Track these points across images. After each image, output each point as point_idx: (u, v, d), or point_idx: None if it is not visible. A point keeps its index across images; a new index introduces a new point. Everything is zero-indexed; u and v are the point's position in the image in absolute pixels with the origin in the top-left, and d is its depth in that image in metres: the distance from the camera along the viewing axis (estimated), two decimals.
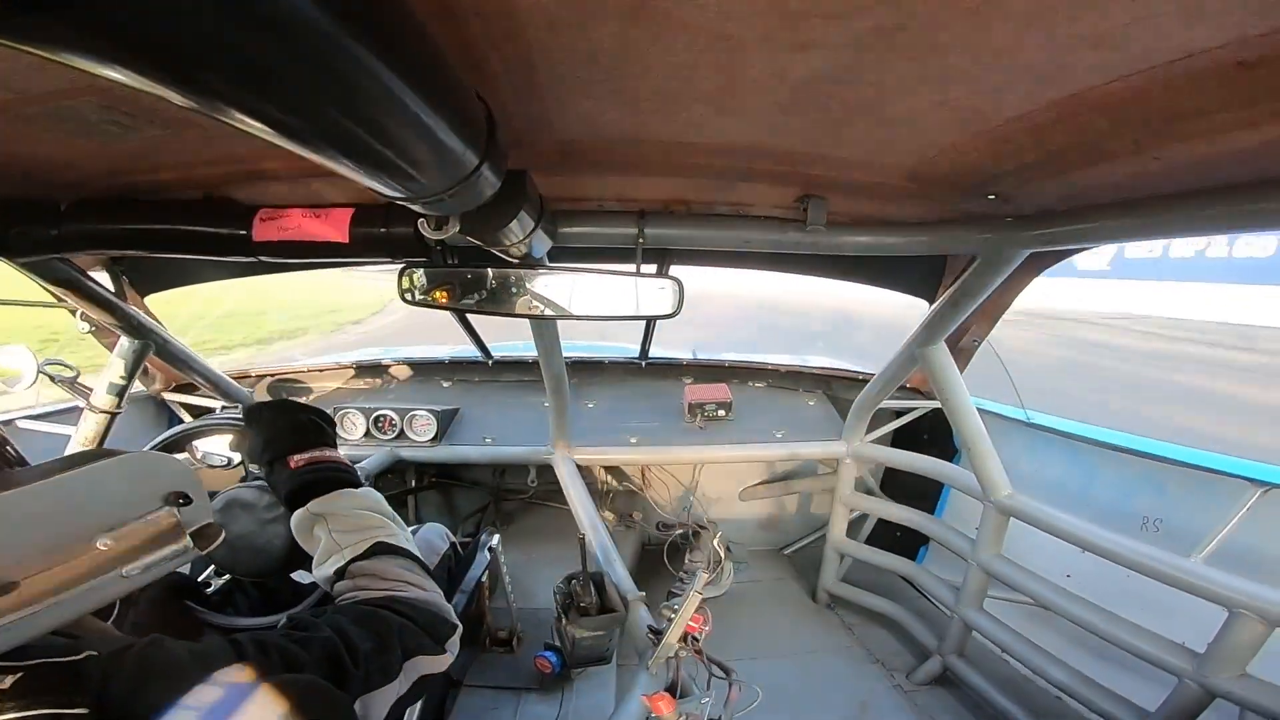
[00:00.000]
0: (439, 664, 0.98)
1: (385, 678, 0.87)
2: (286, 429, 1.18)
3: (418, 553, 1.11)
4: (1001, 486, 2.22)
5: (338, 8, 0.38)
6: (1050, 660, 2.09)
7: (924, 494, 3.04)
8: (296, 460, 1.14)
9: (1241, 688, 1.59)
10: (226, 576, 1.55)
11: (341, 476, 1.15)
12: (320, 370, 3.34)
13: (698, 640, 1.59)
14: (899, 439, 3.11)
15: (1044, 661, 2.10)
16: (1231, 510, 1.82)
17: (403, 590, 1.00)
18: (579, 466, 2.77)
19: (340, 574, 1.03)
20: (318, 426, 1.22)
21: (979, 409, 2.24)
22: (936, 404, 2.47)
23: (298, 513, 1.09)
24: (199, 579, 1.53)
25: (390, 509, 1.16)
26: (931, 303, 2.21)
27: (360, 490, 1.14)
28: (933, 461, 2.66)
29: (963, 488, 2.42)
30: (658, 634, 1.59)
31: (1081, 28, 0.61)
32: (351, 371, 3.35)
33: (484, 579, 2.11)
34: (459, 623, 1.04)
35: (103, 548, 0.66)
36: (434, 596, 1.04)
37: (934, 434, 3.03)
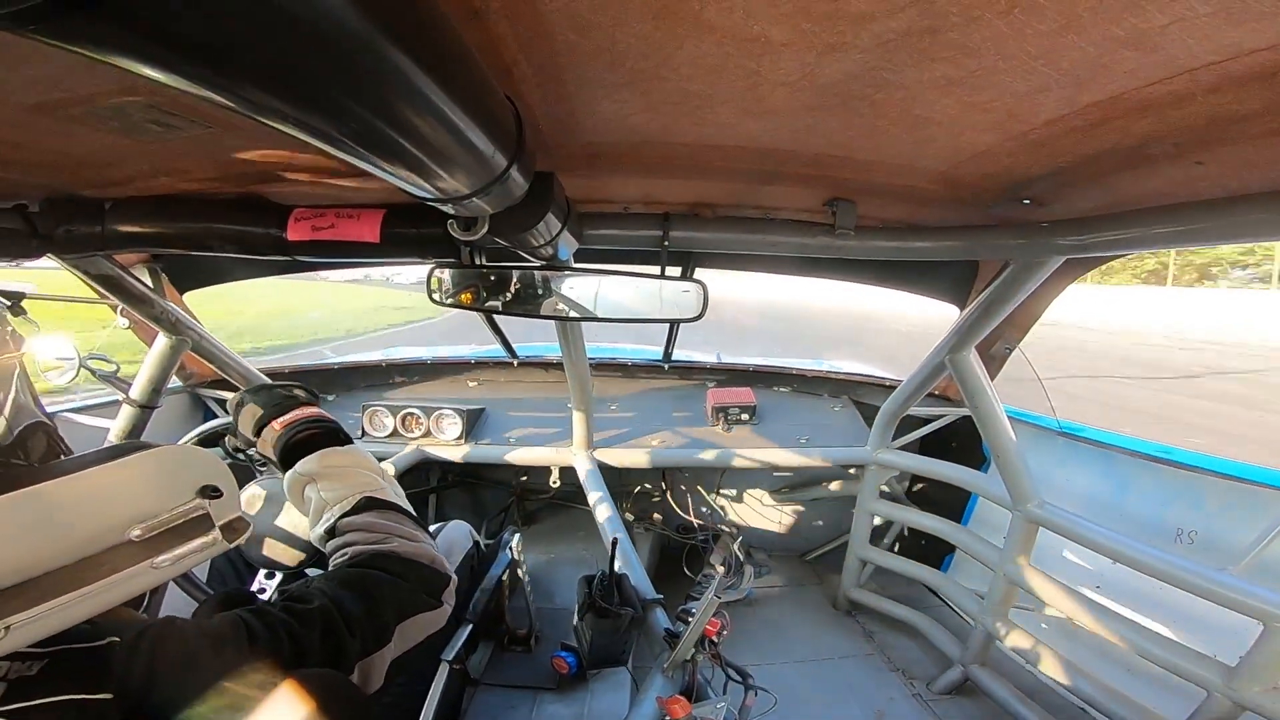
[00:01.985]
0: (437, 620, 0.97)
1: (379, 642, 0.87)
2: (267, 402, 1.19)
3: (406, 505, 1.11)
4: (1031, 496, 2.17)
5: (372, 11, 0.39)
6: (1075, 671, 2.04)
7: (951, 502, 2.99)
8: (281, 421, 1.15)
9: (1273, 701, 1.55)
10: (276, 580, 1.58)
11: (327, 428, 1.15)
12: (351, 367, 3.39)
13: (715, 644, 1.59)
14: (926, 446, 3.07)
15: (1069, 673, 2.05)
16: (1270, 522, 1.76)
17: (390, 544, 0.99)
18: (601, 467, 2.78)
19: (330, 532, 1.02)
20: (293, 393, 1.23)
21: (1010, 417, 2.20)
22: (965, 411, 2.44)
23: (286, 476, 1.09)
24: (252, 587, 1.57)
25: (377, 463, 1.16)
26: (962, 309, 2.17)
27: (346, 447, 1.14)
28: (960, 469, 2.62)
29: (991, 497, 2.37)
30: (675, 637, 1.59)
31: (1120, 29, 0.60)
32: (380, 369, 3.40)
33: (504, 578, 2.12)
34: (452, 574, 1.03)
35: (134, 538, 0.67)
36: (425, 548, 1.02)
37: (962, 442, 2.98)
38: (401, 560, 0.96)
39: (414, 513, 1.10)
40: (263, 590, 1.57)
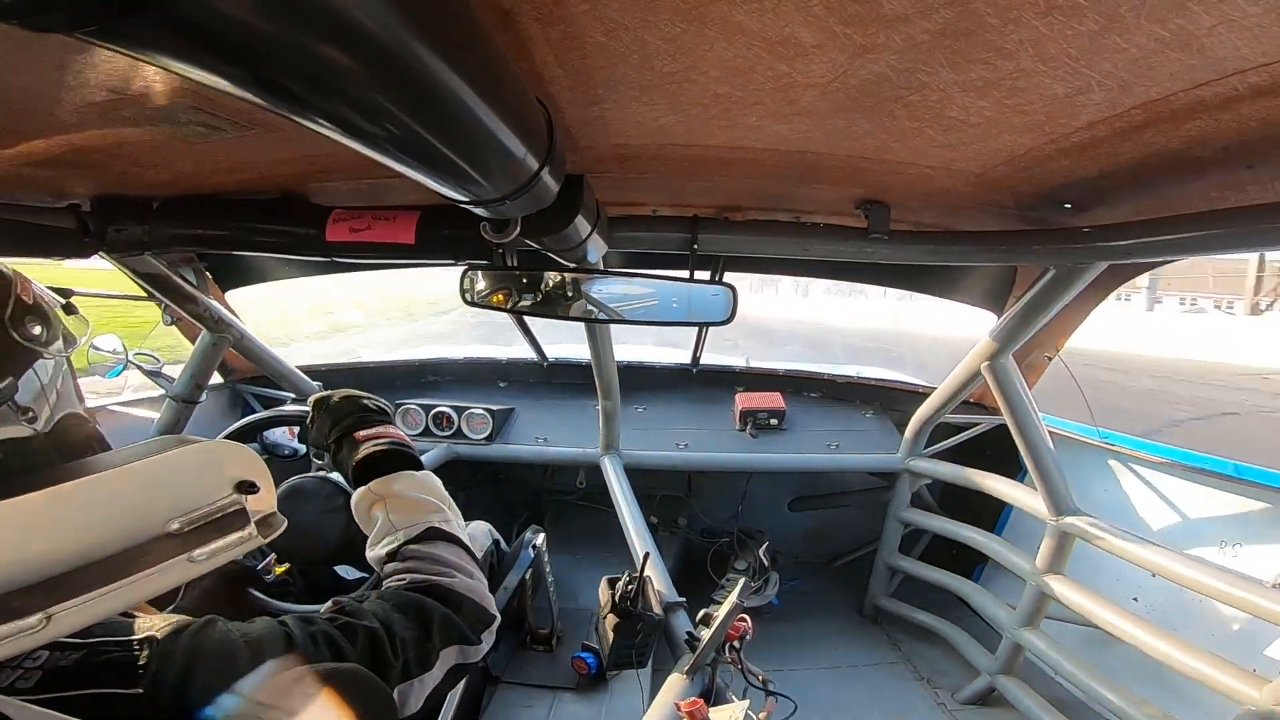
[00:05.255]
0: (474, 654, 0.99)
1: (423, 667, 0.88)
2: (353, 410, 1.22)
3: (468, 540, 1.12)
4: (1067, 507, 2.11)
5: (409, 16, 0.40)
6: (1107, 684, 1.98)
7: (985, 511, 2.93)
8: (362, 434, 1.17)
9: None
10: (284, 566, 1.62)
11: (405, 454, 1.17)
12: (385, 366, 3.46)
13: (737, 648, 1.58)
14: (960, 454, 3.00)
15: (1100, 685, 1.99)
16: None
17: (450, 577, 1.00)
18: (627, 470, 2.78)
19: (392, 555, 1.04)
20: (381, 409, 1.26)
21: (1048, 426, 2.14)
22: (1001, 419, 2.39)
23: (359, 491, 1.12)
24: (258, 567, 1.61)
25: (446, 493, 1.18)
26: (999, 315, 2.13)
27: (420, 473, 1.16)
28: (994, 479, 2.56)
29: (1026, 507, 2.31)
30: (696, 640, 1.58)
31: (1164, 30, 0.58)
32: (413, 368, 3.45)
33: (527, 577, 2.14)
34: (498, 614, 1.05)
35: (173, 531, 0.69)
36: (479, 585, 1.04)
37: (998, 450, 2.91)
38: (458, 595, 0.98)
39: (473, 549, 1.12)
40: (268, 571, 1.60)
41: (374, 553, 1.08)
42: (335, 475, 1.50)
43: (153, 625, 0.70)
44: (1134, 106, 0.77)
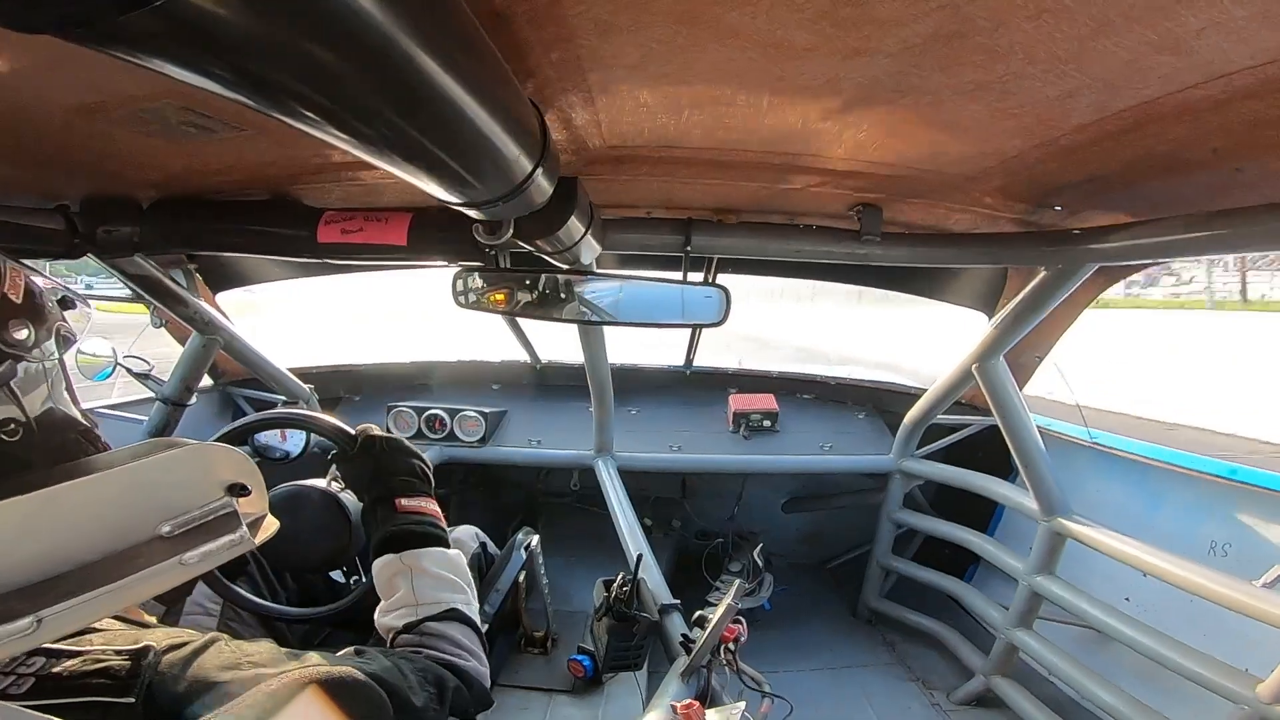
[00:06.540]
0: None
1: None
2: (400, 470, 1.21)
3: (479, 625, 1.14)
4: (1058, 507, 2.13)
5: (401, 17, 0.40)
6: (1100, 683, 1.99)
7: (977, 512, 2.94)
8: (403, 504, 1.17)
9: None
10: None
11: (438, 534, 1.17)
12: (377, 368, 3.44)
13: (732, 650, 1.58)
14: (952, 455, 3.02)
15: (1093, 684, 2.00)
16: None
17: (465, 660, 1.03)
18: (621, 472, 2.78)
19: (409, 628, 1.05)
20: (425, 475, 1.25)
21: (1040, 427, 2.15)
22: (992, 421, 2.41)
23: (387, 558, 1.12)
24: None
25: (469, 574, 1.19)
26: (990, 316, 2.14)
27: (451, 552, 1.17)
28: (986, 479, 2.57)
29: (1017, 507, 2.33)
30: (690, 642, 1.58)
31: (1152, 34, 0.59)
32: (406, 370, 3.44)
33: (520, 579, 2.13)
34: (494, 700, 1.08)
35: (164, 534, 0.68)
36: (485, 671, 1.07)
37: (989, 451, 2.93)
38: (470, 677, 1.01)
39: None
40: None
41: (386, 620, 1.09)
42: (345, 496, 1.48)
43: (152, 636, 0.69)
44: (1123, 109, 0.77)
